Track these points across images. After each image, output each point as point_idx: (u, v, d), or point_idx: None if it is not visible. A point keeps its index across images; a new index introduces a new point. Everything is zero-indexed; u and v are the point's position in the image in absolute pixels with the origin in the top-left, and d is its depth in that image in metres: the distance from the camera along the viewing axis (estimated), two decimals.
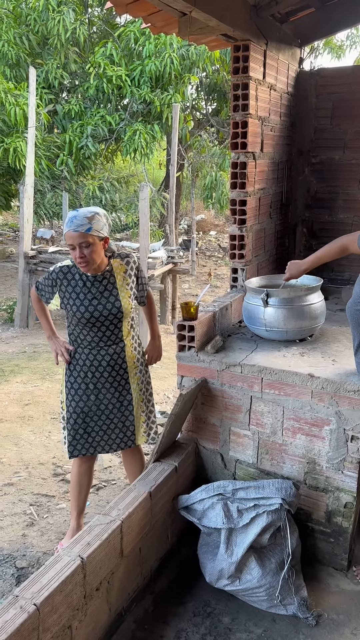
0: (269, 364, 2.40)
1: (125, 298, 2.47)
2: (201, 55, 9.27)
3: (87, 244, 2.29)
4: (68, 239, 2.31)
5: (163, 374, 5.52)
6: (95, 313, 2.41)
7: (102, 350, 2.50)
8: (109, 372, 2.52)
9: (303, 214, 3.82)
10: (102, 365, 2.51)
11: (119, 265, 2.49)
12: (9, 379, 5.25)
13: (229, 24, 2.59)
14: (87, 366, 2.52)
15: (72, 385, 2.56)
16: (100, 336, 2.48)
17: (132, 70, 9.43)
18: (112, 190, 10.21)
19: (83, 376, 2.54)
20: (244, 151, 2.96)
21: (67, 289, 2.46)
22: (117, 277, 2.47)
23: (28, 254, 7.26)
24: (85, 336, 2.50)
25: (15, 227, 15.63)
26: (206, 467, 2.64)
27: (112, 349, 2.51)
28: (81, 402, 2.56)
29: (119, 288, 2.46)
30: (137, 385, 2.61)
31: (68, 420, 2.59)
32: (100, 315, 2.42)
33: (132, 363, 2.57)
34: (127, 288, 2.49)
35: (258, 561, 2.15)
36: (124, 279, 2.48)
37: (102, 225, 2.33)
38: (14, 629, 1.52)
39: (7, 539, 2.87)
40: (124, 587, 2.07)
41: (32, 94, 7.31)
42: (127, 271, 2.50)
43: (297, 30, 3.57)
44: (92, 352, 2.50)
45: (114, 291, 2.44)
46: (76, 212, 2.30)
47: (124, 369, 2.55)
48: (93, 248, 2.30)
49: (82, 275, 2.44)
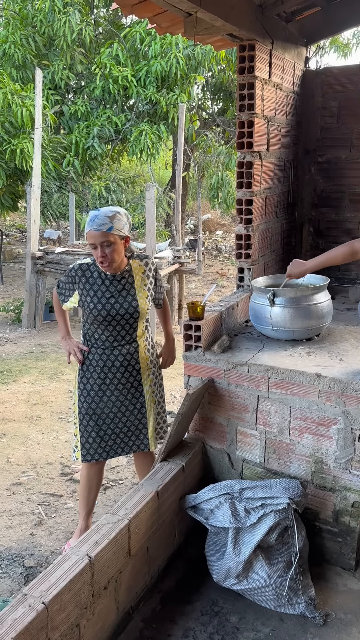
0: (275, 363, 2.40)
1: (142, 298, 2.49)
2: (207, 54, 9.26)
3: (109, 243, 2.31)
4: (90, 238, 2.33)
5: (170, 373, 5.53)
6: (112, 311, 2.43)
7: (115, 350, 2.51)
8: (122, 372, 2.53)
9: (309, 213, 3.81)
10: (115, 365, 2.52)
11: (138, 265, 2.52)
12: (17, 379, 5.28)
13: (234, 24, 2.60)
14: (100, 366, 2.52)
15: (85, 385, 2.57)
16: (115, 335, 2.50)
17: (138, 71, 9.43)
18: (118, 190, 10.22)
19: (96, 376, 2.54)
20: (250, 151, 2.96)
21: (85, 286, 2.48)
22: (135, 277, 2.50)
23: (35, 254, 7.28)
24: (100, 335, 2.51)
25: (22, 228, 15.70)
26: (213, 467, 2.64)
27: (125, 349, 2.52)
28: (94, 403, 2.56)
29: (137, 288, 2.49)
30: (150, 387, 2.62)
31: (81, 422, 2.59)
32: (117, 314, 2.44)
33: (145, 364, 2.59)
34: (145, 289, 2.51)
35: (265, 560, 2.15)
36: (142, 279, 2.51)
37: (123, 224, 2.34)
38: (23, 627, 1.53)
39: (16, 538, 2.89)
40: (132, 586, 2.08)
41: (38, 95, 7.34)
42: (146, 272, 2.53)
43: (302, 29, 3.57)
44: (105, 352, 2.51)
45: (131, 291, 2.47)
46: (98, 212, 2.32)
47: (137, 370, 2.56)
48: (114, 247, 2.33)
49: (101, 273, 2.47)
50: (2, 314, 7.99)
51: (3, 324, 7.55)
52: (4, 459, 3.70)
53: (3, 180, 9.46)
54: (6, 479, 3.45)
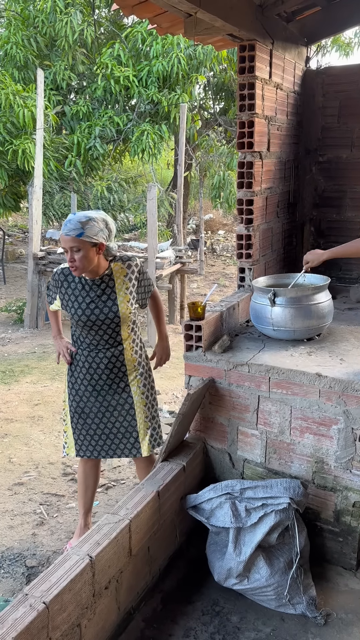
0: (276, 363, 2.40)
1: (124, 302, 2.45)
2: (208, 54, 9.27)
3: (78, 248, 2.28)
4: (62, 242, 2.33)
5: (171, 373, 5.53)
6: (92, 317, 2.43)
7: (100, 352, 2.51)
8: (107, 374, 2.54)
9: (310, 213, 3.81)
10: (100, 367, 2.53)
11: (120, 268, 2.47)
12: (19, 379, 5.29)
13: (234, 24, 2.60)
14: (87, 368, 2.54)
15: (73, 385, 2.60)
16: (99, 339, 2.49)
17: (139, 71, 9.44)
18: (120, 190, 10.23)
19: (82, 378, 2.56)
20: (251, 151, 2.96)
21: (67, 291, 2.48)
22: (116, 280, 2.45)
23: (37, 255, 7.30)
24: (85, 338, 2.52)
25: (24, 228, 15.72)
26: (214, 467, 2.64)
27: (110, 352, 2.52)
28: (82, 403, 2.59)
29: (118, 292, 2.44)
30: (139, 388, 2.60)
31: (72, 419, 2.63)
32: (97, 319, 2.43)
33: (131, 366, 2.57)
34: (127, 292, 2.46)
35: (266, 560, 2.15)
36: (123, 282, 2.46)
37: (96, 231, 2.30)
38: (24, 627, 1.54)
39: (18, 538, 2.90)
40: (133, 586, 2.08)
41: (40, 95, 7.35)
42: (128, 275, 2.47)
43: (303, 29, 3.56)
44: (90, 354, 2.52)
45: (112, 295, 2.43)
46: (72, 216, 2.31)
47: (123, 372, 2.56)
48: (83, 253, 2.29)
49: (81, 278, 2.45)
50: (4, 314, 8.00)
51: (5, 324, 7.57)
52: (6, 459, 3.71)
53: (5, 180, 9.48)
54: (8, 479, 3.46)
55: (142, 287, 2.58)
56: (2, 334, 7.06)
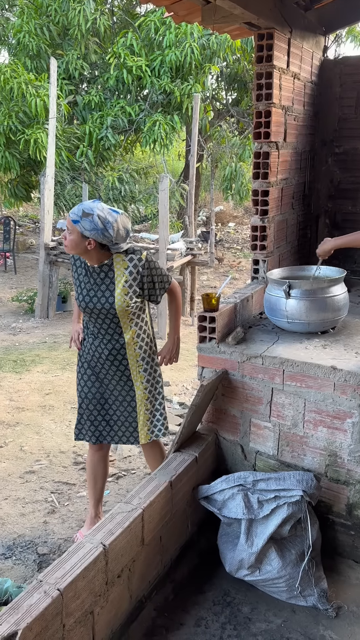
0: (290, 355, 2.38)
1: (121, 295, 2.43)
2: (222, 44, 9.18)
3: (69, 231, 2.38)
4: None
5: (181, 365, 5.53)
6: (90, 304, 2.47)
7: (102, 342, 2.55)
8: (109, 365, 2.56)
9: (326, 205, 3.77)
10: (102, 358, 2.56)
11: (121, 260, 2.44)
12: (30, 368, 5.32)
13: (253, 12, 2.56)
14: (91, 355, 2.60)
15: (80, 370, 2.68)
16: (99, 327, 2.53)
17: (152, 61, 9.37)
18: (131, 181, 10.19)
19: (87, 365, 2.63)
20: (267, 141, 2.93)
21: (75, 274, 2.57)
22: (116, 272, 2.45)
23: (48, 245, 7.31)
24: (89, 325, 2.58)
25: (34, 218, 15.75)
26: (226, 458, 2.64)
27: (111, 344, 2.53)
28: (86, 387, 2.65)
29: (116, 284, 2.44)
30: (142, 383, 2.59)
31: (80, 406, 2.70)
32: (95, 307, 2.47)
33: (134, 360, 2.56)
34: (125, 285, 2.43)
35: (278, 552, 2.15)
36: (122, 275, 2.44)
37: (90, 227, 2.30)
38: (39, 613, 1.55)
39: (29, 525, 2.92)
40: (145, 575, 2.09)
41: (53, 84, 7.33)
42: (129, 268, 2.44)
43: (321, 18, 3.52)
44: (94, 342, 2.57)
45: (110, 286, 2.45)
46: (84, 202, 2.38)
47: (125, 365, 2.56)
48: (72, 237, 2.38)
49: (85, 263, 2.50)
50: (15, 304, 8.03)
51: (16, 314, 7.60)
52: (17, 447, 3.74)
53: (16, 170, 9.49)
54: (20, 467, 3.49)
55: (152, 282, 2.50)
56: (13, 323, 7.09)
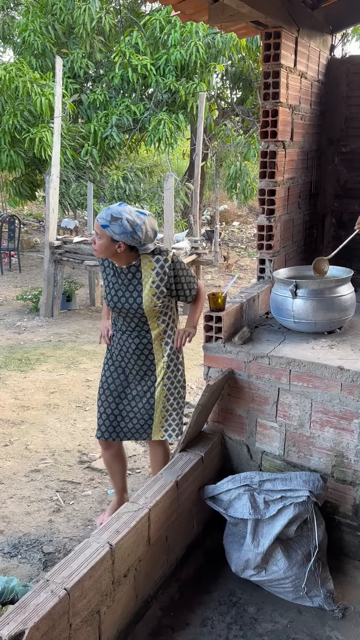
0: (297, 356, 2.38)
1: (149, 296, 2.47)
2: (227, 43, 9.16)
3: (99, 236, 2.42)
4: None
5: (186, 364, 5.50)
6: (118, 303, 2.52)
7: (130, 337, 2.59)
8: (135, 359, 2.61)
9: (332, 204, 3.76)
10: (130, 351, 2.61)
11: (148, 262, 2.48)
12: (35, 367, 5.32)
13: (261, 11, 2.55)
14: (118, 350, 2.65)
15: (106, 362, 2.73)
16: (127, 325, 2.58)
17: (157, 59, 9.37)
18: (136, 180, 10.18)
19: (114, 358, 2.68)
20: (274, 140, 2.92)
21: (103, 274, 2.62)
22: (143, 273, 2.49)
23: (53, 244, 7.31)
24: (117, 322, 2.63)
25: (39, 217, 15.76)
26: (232, 458, 2.64)
27: (138, 339, 2.58)
28: (110, 379, 2.69)
29: (144, 284, 2.48)
30: (162, 379, 2.61)
31: (99, 398, 2.72)
32: (123, 307, 2.52)
33: (160, 356, 2.60)
34: (153, 286, 2.47)
35: (284, 552, 2.14)
36: (150, 276, 2.47)
37: (120, 231, 2.34)
38: (45, 612, 1.55)
39: (34, 524, 2.93)
40: (151, 575, 2.09)
41: (58, 83, 7.32)
42: (156, 269, 2.47)
43: (328, 16, 3.50)
44: (122, 336, 2.62)
45: (138, 287, 2.49)
46: (112, 207, 2.39)
47: (151, 360, 2.60)
48: (102, 241, 2.41)
49: (113, 264, 2.54)
50: (20, 302, 8.04)
51: (21, 312, 7.61)
52: (22, 446, 3.74)
53: (21, 169, 9.50)
54: (25, 466, 3.49)
55: (179, 283, 2.52)
56: (18, 322, 7.10)
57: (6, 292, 8.69)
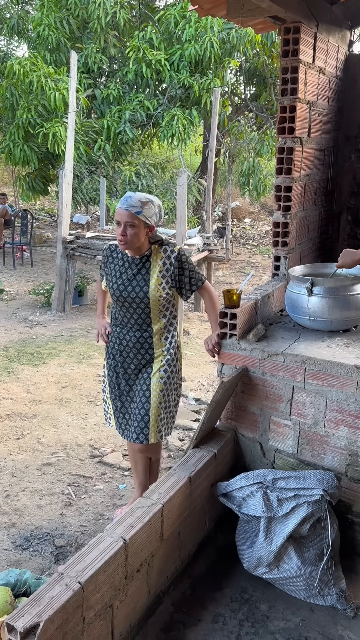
0: (312, 354, 2.36)
1: (155, 285, 2.50)
2: (242, 38, 9.10)
3: (132, 224, 2.39)
4: (117, 215, 2.42)
5: (197, 361, 5.52)
6: (124, 293, 2.52)
7: (130, 331, 2.60)
8: (134, 354, 2.61)
9: (348, 202, 3.73)
10: (129, 346, 2.61)
11: (157, 251, 2.53)
12: (47, 361, 5.34)
13: (280, 5, 2.53)
14: (117, 345, 2.65)
15: (107, 359, 2.73)
16: (128, 318, 2.58)
17: (171, 55, 9.33)
18: (148, 176, 10.17)
19: (114, 354, 2.68)
20: (291, 136, 2.90)
21: (110, 265, 2.61)
22: (152, 262, 2.52)
23: (66, 239, 7.32)
24: (118, 316, 2.62)
25: (51, 212, 15.80)
26: (245, 455, 2.63)
27: (139, 333, 2.58)
28: (112, 374, 2.70)
29: (152, 274, 2.51)
30: (159, 372, 2.59)
31: (104, 391, 2.78)
32: (129, 296, 2.52)
33: (159, 351, 2.60)
34: (159, 275, 2.51)
35: (297, 551, 2.14)
36: (157, 265, 2.52)
37: (152, 213, 2.42)
38: (60, 605, 1.56)
39: (46, 517, 2.94)
40: (163, 570, 2.09)
41: (73, 78, 7.32)
42: (162, 258, 2.52)
43: (347, 11, 3.46)
44: (122, 331, 2.62)
45: (145, 276, 2.51)
46: (133, 194, 2.42)
47: (150, 355, 2.61)
48: (136, 230, 2.40)
49: (123, 255, 2.55)
50: (32, 297, 8.07)
51: (33, 307, 7.64)
52: (34, 440, 3.76)
53: (35, 164, 9.52)
54: (37, 459, 3.51)
55: (184, 276, 2.56)
56: (30, 316, 7.13)
57: (18, 287, 8.73)
